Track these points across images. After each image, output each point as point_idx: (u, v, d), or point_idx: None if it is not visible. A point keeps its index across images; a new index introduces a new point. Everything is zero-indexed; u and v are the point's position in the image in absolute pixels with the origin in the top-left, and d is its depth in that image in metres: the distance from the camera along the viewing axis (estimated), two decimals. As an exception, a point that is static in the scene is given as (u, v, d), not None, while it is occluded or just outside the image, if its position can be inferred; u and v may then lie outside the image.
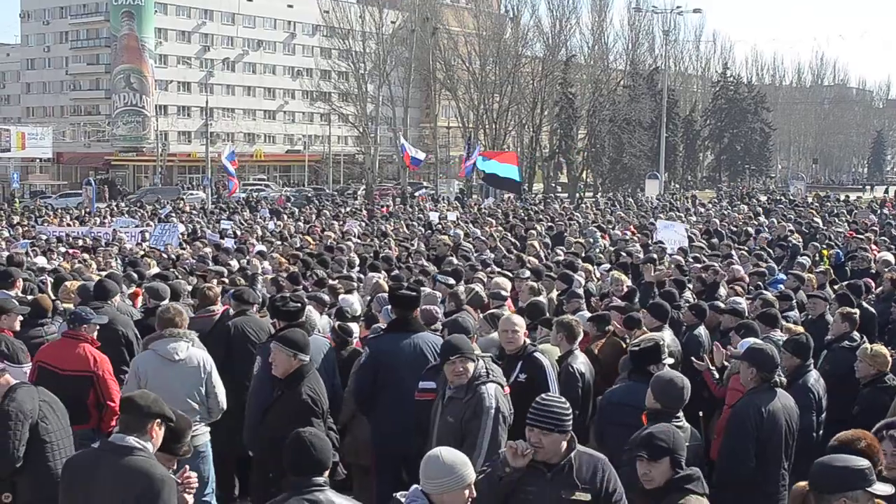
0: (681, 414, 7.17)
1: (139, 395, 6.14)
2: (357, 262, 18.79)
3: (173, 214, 41.16)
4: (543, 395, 6.29)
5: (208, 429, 9.08)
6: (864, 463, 5.17)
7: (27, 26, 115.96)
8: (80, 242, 25.75)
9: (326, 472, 5.55)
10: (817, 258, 19.81)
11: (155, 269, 16.91)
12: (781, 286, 15.07)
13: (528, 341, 9.20)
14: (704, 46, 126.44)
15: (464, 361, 7.62)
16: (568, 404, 6.20)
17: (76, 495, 5.93)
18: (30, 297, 11.77)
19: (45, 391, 8.03)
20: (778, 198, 56.31)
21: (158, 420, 5.95)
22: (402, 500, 5.38)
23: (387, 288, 13.38)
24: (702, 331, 11.59)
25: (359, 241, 24.68)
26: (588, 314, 11.72)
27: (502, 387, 7.85)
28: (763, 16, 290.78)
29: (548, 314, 11.45)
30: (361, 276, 16.23)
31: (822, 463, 5.25)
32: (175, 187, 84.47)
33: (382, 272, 16.11)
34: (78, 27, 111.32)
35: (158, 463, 5.87)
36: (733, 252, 19.90)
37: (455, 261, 17.47)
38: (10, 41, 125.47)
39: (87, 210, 50.27)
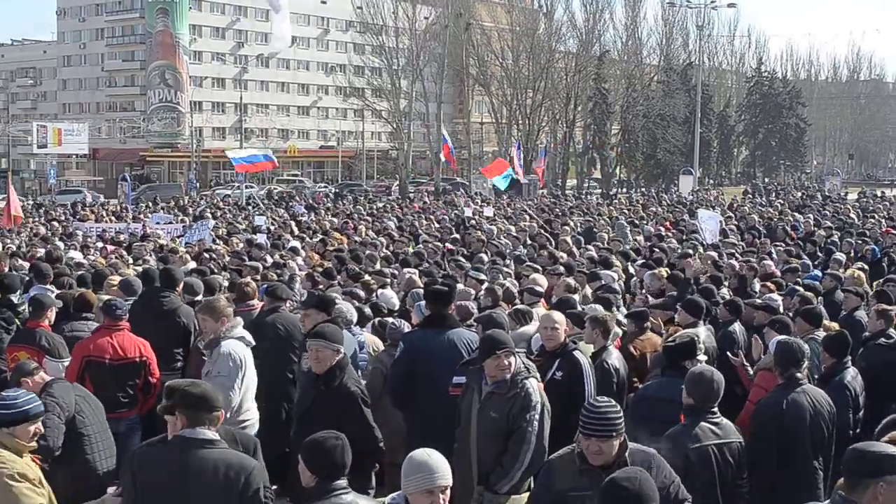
0: (717, 409, 7.14)
1: (206, 389, 6.15)
2: (392, 258, 18.82)
3: (208, 211, 41.32)
4: (592, 402, 6.22)
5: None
6: None
7: (63, 23, 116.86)
8: (119, 238, 25.89)
9: (345, 473, 5.56)
10: (853, 254, 19.68)
11: (191, 265, 16.99)
12: (817, 283, 14.97)
13: (568, 339, 9.13)
14: (739, 41, 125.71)
15: (508, 356, 7.60)
16: (617, 405, 6.16)
17: (162, 492, 5.85)
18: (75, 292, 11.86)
19: (79, 387, 8.19)
20: (813, 193, 55.95)
21: (219, 413, 6.00)
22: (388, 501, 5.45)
23: (420, 283, 13.43)
24: (737, 327, 11.54)
25: (395, 235, 24.79)
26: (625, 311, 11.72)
27: (540, 382, 7.85)
28: (798, 10, 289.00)
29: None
30: (395, 271, 16.26)
31: (858, 449, 5.27)
32: (176, 184, 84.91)
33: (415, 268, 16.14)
34: (113, 24, 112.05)
35: (240, 452, 6.00)
36: (772, 249, 19.82)
37: (484, 257, 17.46)
38: (46, 38, 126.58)
39: (123, 206, 50.60)
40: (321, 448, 5.51)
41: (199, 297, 11.59)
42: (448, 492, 5.32)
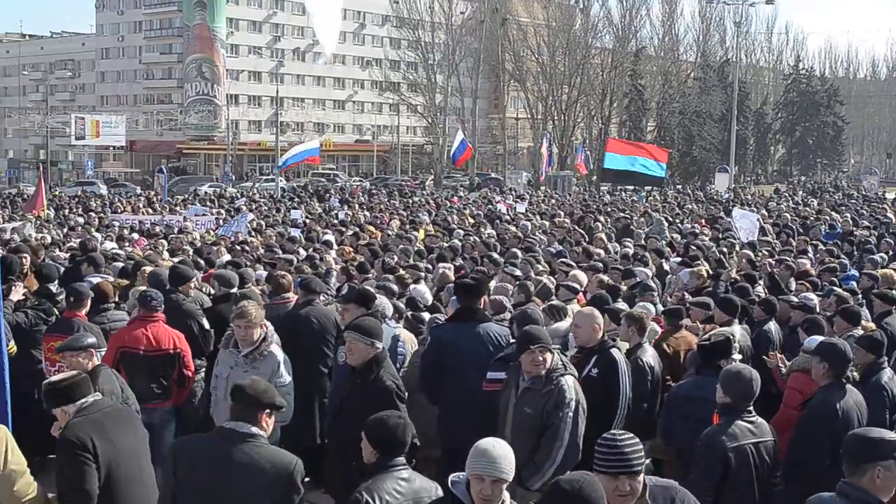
0: (752, 408, 7.09)
1: (250, 384, 6.17)
2: (425, 252, 18.83)
3: (244, 204, 41.54)
4: (607, 437, 5.54)
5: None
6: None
7: (102, 16, 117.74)
8: (154, 230, 26.05)
9: (405, 451, 5.79)
10: (891, 254, 19.51)
11: (226, 257, 17.07)
12: (854, 283, 14.85)
13: (605, 336, 9.06)
14: (776, 38, 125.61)
15: (543, 351, 7.58)
16: (634, 437, 5.59)
17: (203, 484, 5.90)
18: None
19: (119, 376, 8.24)
20: (850, 192, 55.56)
21: (268, 410, 6.00)
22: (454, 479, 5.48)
23: (454, 278, 13.43)
24: (772, 326, 11.45)
25: (429, 229, 24.84)
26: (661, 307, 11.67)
27: (576, 379, 7.83)
28: (837, 7, 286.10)
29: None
30: (430, 266, 16.25)
31: (857, 434, 5.57)
32: (206, 176, 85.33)
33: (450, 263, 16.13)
34: (151, 17, 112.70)
35: (280, 448, 6.06)
36: (808, 248, 19.70)
37: (519, 253, 17.42)
38: (85, 31, 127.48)
39: (160, 198, 50.93)
40: (385, 425, 5.77)
41: (234, 290, 11.61)
42: (502, 486, 5.29)
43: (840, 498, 5.38)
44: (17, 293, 11.48)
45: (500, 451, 5.36)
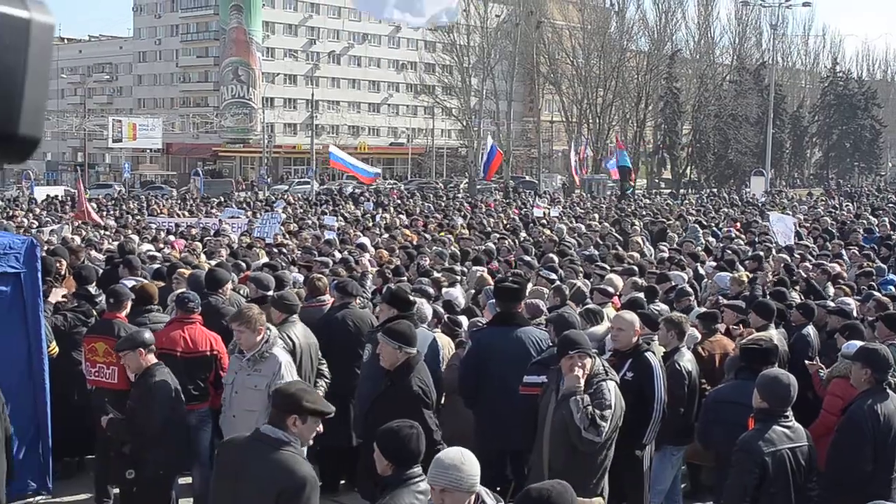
0: (790, 413, 7.06)
1: (281, 388, 6.22)
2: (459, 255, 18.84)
3: (279, 205, 41.69)
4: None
5: None
6: None
7: (139, 20, 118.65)
8: (191, 232, 26.18)
9: (420, 461, 5.64)
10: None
11: (263, 259, 17.14)
12: (892, 287, 14.75)
13: (640, 340, 9.04)
14: (813, 41, 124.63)
15: (582, 357, 7.57)
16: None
17: (227, 479, 6.04)
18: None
19: (172, 375, 8.36)
20: (888, 196, 55.12)
21: (295, 415, 5.89)
22: None
23: (491, 281, 13.43)
24: (810, 330, 11.40)
25: (463, 232, 24.84)
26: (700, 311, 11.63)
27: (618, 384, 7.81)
28: (874, 9, 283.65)
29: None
30: (465, 269, 16.27)
31: None
32: (225, 180, 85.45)
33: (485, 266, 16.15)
34: (188, 20, 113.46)
35: (304, 460, 5.91)
36: (843, 252, 19.57)
37: (554, 257, 17.39)
38: (122, 34, 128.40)
39: (196, 200, 51.20)
40: (397, 436, 5.61)
41: (270, 292, 11.66)
42: (456, 496, 5.13)
43: None
44: (56, 295, 11.60)
45: (451, 460, 5.21)
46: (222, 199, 51.21)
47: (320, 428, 6.02)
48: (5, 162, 1.60)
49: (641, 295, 12.28)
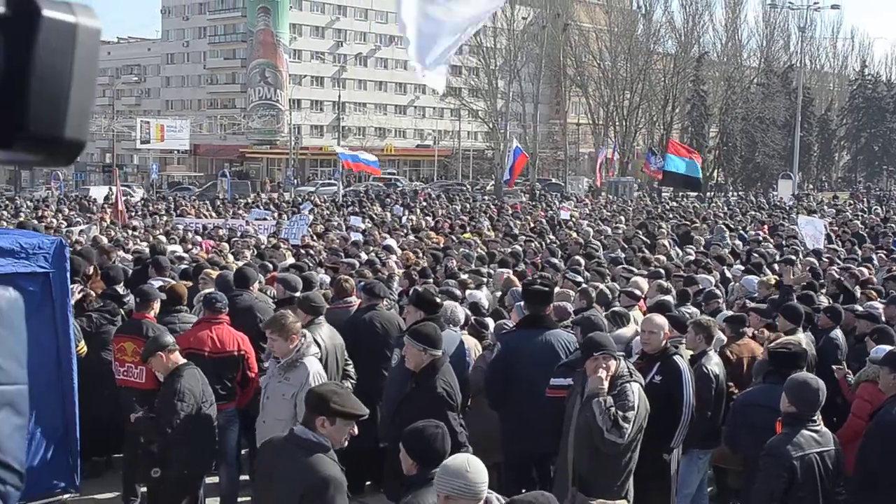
0: (818, 418, 7.02)
1: (313, 389, 6.31)
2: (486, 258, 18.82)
3: (307, 206, 41.80)
4: None
5: None
6: None
7: (168, 22, 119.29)
8: (218, 233, 26.26)
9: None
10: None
11: (290, 261, 17.18)
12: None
13: (668, 343, 9.01)
14: (842, 43, 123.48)
15: (607, 359, 7.57)
16: None
17: (263, 479, 6.26)
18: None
19: (202, 374, 8.40)
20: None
21: (323, 417, 5.93)
22: None
23: (518, 283, 13.42)
24: (838, 333, 11.35)
25: (488, 235, 24.84)
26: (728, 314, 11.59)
27: (642, 387, 7.80)
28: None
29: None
30: (490, 271, 16.25)
31: None
32: (242, 182, 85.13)
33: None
34: (216, 23, 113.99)
35: (331, 461, 5.90)
36: (873, 256, 19.46)
37: (581, 259, 17.35)
38: (151, 36, 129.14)
39: (223, 201, 51.37)
40: (422, 436, 5.67)
41: (297, 293, 11.68)
42: (452, 502, 5.11)
43: None
44: (75, 295, 11.67)
45: (456, 468, 5.19)
46: (249, 201, 51.38)
47: (355, 430, 6.04)
48: (51, 165, 1.64)
49: (669, 298, 12.26)
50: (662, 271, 15.07)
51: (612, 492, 7.59)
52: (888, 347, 8.96)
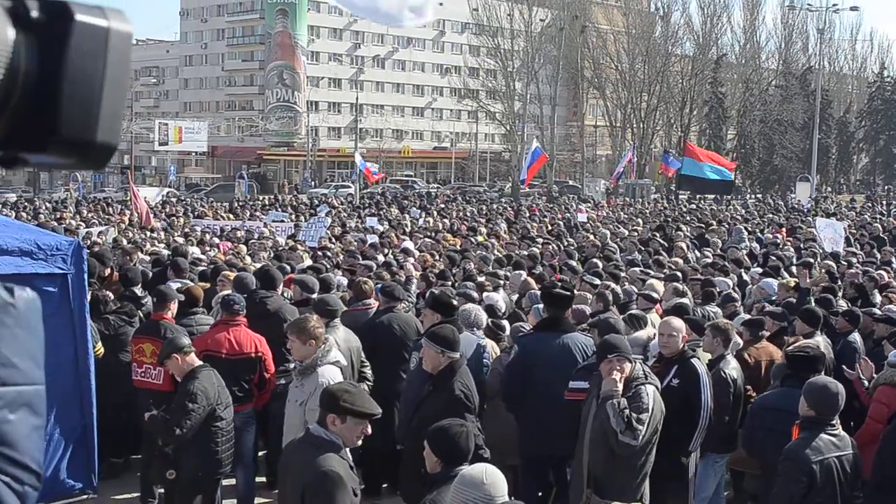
0: (836, 422, 7.00)
1: (328, 387, 6.40)
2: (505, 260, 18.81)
3: (323, 209, 41.87)
4: None
5: None
6: None
7: (186, 24, 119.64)
8: (236, 235, 26.33)
9: (469, 459, 5.75)
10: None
11: (307, 262, 17.22)
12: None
13: (686, 346, 9.00)
14: (861, 46, 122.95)
15: (621, 361, 7.57)
16: None
17: (282, 477, 6.50)
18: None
19: (219, 376, 8.42)
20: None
21: (333, 414, 5.97)
22: None
23: (535, 285, 13.42)
24: (856, 337, 11.31)
25: (505, 237, 24.83)
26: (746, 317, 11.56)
27: (658, 389, 7.78)
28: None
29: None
30: (508, 273, 16.23)
31: None
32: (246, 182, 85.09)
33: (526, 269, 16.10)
34: (234, 25, 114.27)
35: (336, 458, 5.92)
36: (893, 259, 19.38)
37: (598, 263, 17.33)
38: (169, 38, 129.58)
39: (241, 203, 51.51)
40: (447, 434, 5.78)
41: (314, 295, 11.69)
42: None
43: None
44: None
45: (472, 478, 5.19)
46: (266, 203, 51.50)
47: (368, 430, 6.08)
48: (83, 168, 1.66)
49: (685, 300, 12.24)
50: (679, 274, 15.03)
51: (627, 494, 7.58)
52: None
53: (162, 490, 9.64)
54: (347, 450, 6.07)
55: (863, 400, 9.54)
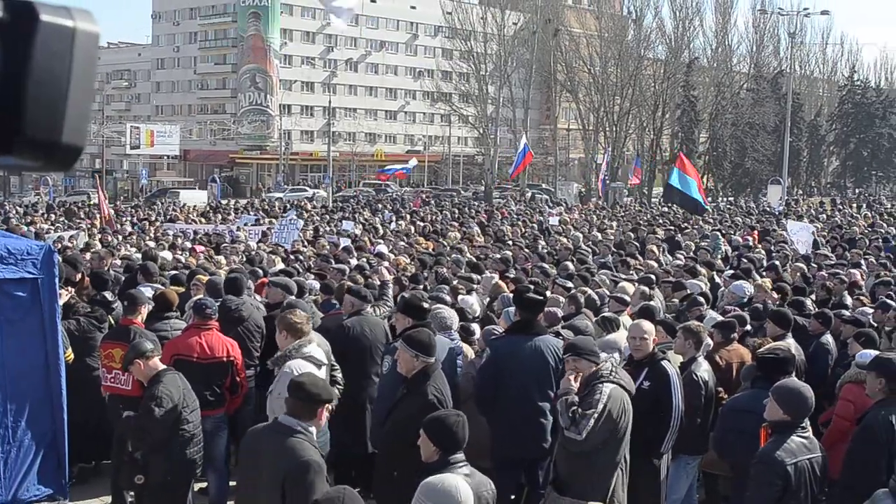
0: (807, 424, 7.04)
1: (310, 381, 6.46)
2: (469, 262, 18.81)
3: (293, 212, 41.81)
4: None
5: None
6: None
7: (158, 27, 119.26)
8: (205, 239, 26.23)
9: (463, 448, 6.01)
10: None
11: (279, 266, 17.16)
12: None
13: (657, 348, 9.03)
14: (831, 49, 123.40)
15: (577, 361, 7.64)
16: None
17: (247, 465, 6.55)
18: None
19: (184, 379, 8.39)
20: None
21: (317, 408, 6.27)
22: None
23: (506, 288, 13.43)
24: (829, 338, 11.38)
25: (478, 240, 24.86)
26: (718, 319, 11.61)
27: (625, 389, 7.80)
28: (893, 18, 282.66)
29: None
30: (479, 276, 16.23)
31: None
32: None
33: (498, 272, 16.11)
34: (206, 28, 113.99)
35: (313, 447, 6.16)
36: (862, 261, 19.50)
37: (570, 266, 17.36)
38: (141, 41, 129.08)
39: (213, 206, 51.36)
40: (444, 424, 6.04)
41: (293, 298, 11.65)
42: None
43: None
44: (63, 297, 11.63)
45: (444, 490, 5.23)
46: (240, 206, 51.37)
47: (326, 414, 6.44)
48: (50, 170, 1.66)
49: (653, 303, 12.31)
50: (652, 277, 15.08)
51: (589, 493, 7.59)
52: (874, 352, 8.97)
53: (132, 495, 9.59)
54: (315, 435, 6.29)
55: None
